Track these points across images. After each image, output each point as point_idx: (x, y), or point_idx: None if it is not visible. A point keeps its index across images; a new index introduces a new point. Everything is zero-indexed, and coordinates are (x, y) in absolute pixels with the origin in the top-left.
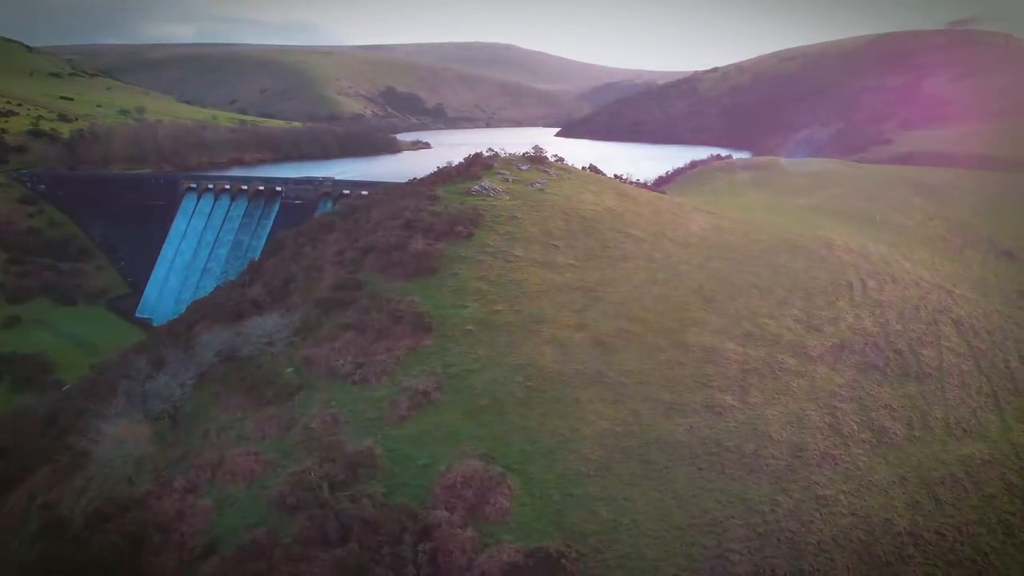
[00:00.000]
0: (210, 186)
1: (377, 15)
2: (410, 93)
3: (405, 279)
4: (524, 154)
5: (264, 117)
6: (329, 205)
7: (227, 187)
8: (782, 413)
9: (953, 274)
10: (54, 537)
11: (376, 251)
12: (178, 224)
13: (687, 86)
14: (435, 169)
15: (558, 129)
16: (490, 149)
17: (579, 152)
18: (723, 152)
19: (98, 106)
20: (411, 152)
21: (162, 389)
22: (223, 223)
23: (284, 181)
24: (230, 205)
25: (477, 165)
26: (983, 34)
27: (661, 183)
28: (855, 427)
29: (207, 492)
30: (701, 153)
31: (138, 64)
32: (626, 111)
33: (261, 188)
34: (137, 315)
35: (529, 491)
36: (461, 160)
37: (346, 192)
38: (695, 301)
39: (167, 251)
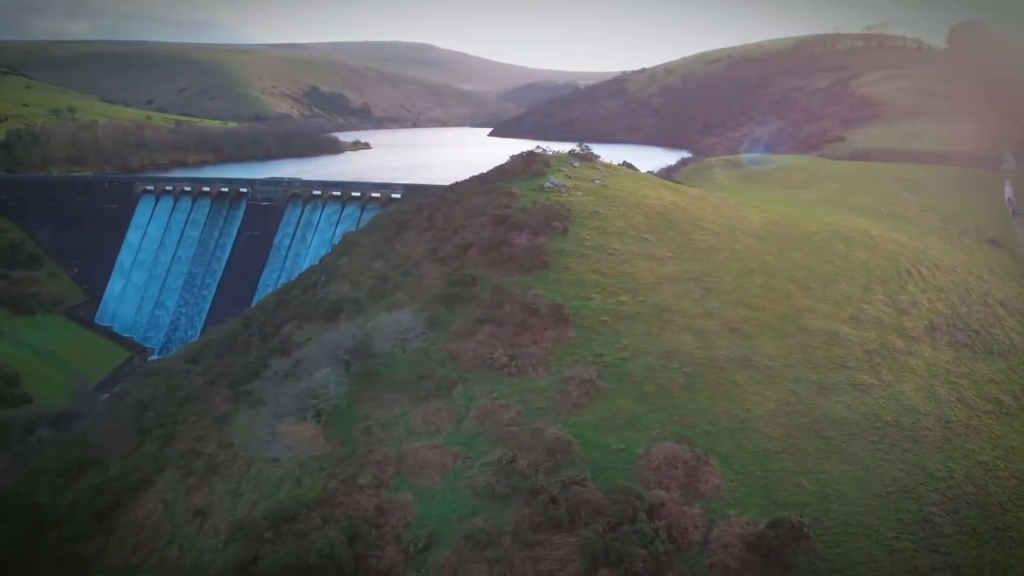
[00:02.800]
0: (168, 188)
1: (286, 12)
2: (335, 93)
3: (519, 274)
4: (570, 152)
5: (187, 116)
6: (299, 207)
7: (187, 189)
8: (916, 389)
9: (969, 261)
10: (246, 539)
11: (476, 247)
12: (135, 228)
13: (617, 86)
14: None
15: (489, 129)
16: (540, 147)
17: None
18: (660, 150)
19: (24, 105)
20: (353, 152)
21: (318, 388)
22: (185, 226)
23: (250, 182)
24: (191, 207)
25: (536, 163)
26: (897, 38)
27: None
28: (977, 399)
29: (398, 487)
30: (638, 152)
31: (42, 62)
32: (558, 111)
33: (224, 190)
34: (96, 323)
35: (730, 468)
36: (509, 158)
37: (317, 193)
38: (795, 289)
39: (125, 256)
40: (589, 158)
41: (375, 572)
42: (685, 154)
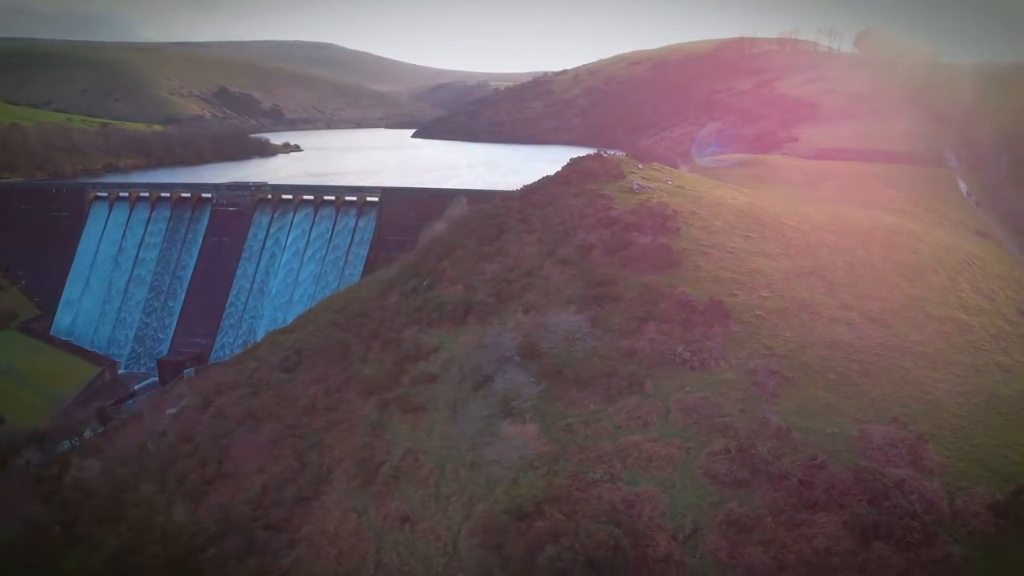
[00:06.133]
0: (123, 194)
1: (182, 9)
2: (244, 94)
3: (654, 273)
4: (626, 154)
5: (95, 119)
6: (269, 212)
7: (144, 195)
8: None
9: (987, 252)
10: (495, 537)
11: (599, 248)
12: (89, 237)
13: (541, 87)
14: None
15: (410, 131)
16: (604, 151)
17: (468, 155)
18: (593, 152)
19: None
20: (285, 155)
21: (520, 389)
22: (144, 234)
23: (214, 187)
24: (150, 214)
25: (609, 164)
26: (809, 43)
27: None
28: None
29: (633, 479)
30: (572, 154)
31: None
32: (484, 112)
33: (186, 195)
34: (54, 337)
35: (940, 445)
36: (570, 160)
37: (287, 197)
38: (898, 281)
39: (79, 267)
40: (646, 160)
41: (652, 561)
42: (621, 155)
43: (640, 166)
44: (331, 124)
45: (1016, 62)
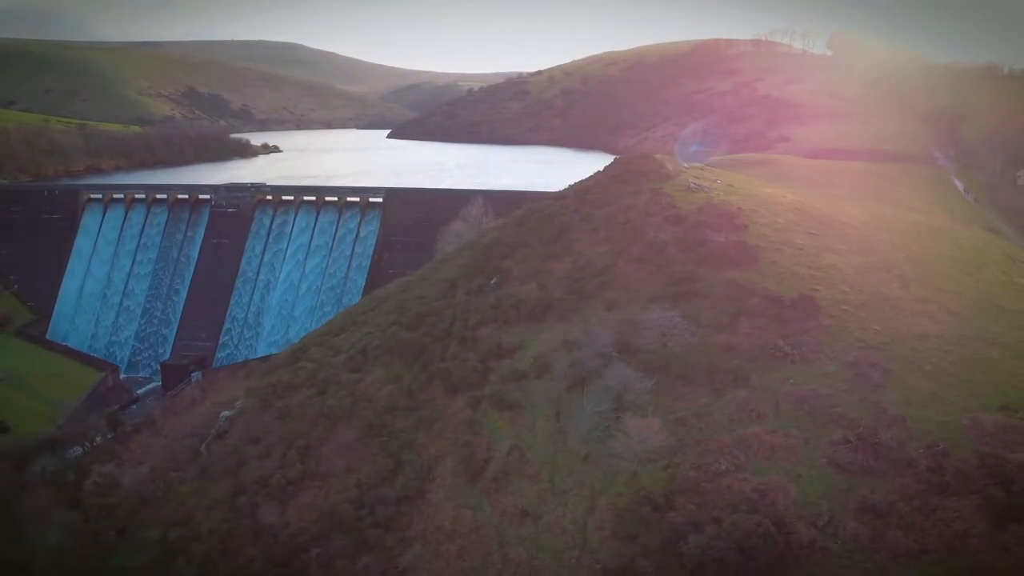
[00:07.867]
0: (117, 196)
1: (144, 8)
2: (213, 94)
3: (733, 269)
4: (669, 153)
5: (64, 119)
6: (269, 213)
7: (140, 197)
8: None
9: (1010, 247)
10: (630, 531)
11: (673, 246)
12: (83, 240)
13: (518, 88)
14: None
15: (384, 131)
16: (665, 155)
17: (451, 155)
18: (572, 152)
19: None
20: (265, 156)
21: (630, 384)
22: (141, 237)
23: (213, 188)
24: (146, 216)
25: (654, 164)
26: (783, 45)
27: None
28: None
29: (757, 470)
30: (553, 155)
31: None
32: (460, 112)
33: (183, 196)
34: (52, 342)
35: None
36: (615, 160)
37: (288, 198)
38: (961, 275)
39: (74, 270)
40: (689, 159)
41: (797, 548)
42: (601, 155)
43: (687, 165)
44: (301, 125)
45: (988, 62)
